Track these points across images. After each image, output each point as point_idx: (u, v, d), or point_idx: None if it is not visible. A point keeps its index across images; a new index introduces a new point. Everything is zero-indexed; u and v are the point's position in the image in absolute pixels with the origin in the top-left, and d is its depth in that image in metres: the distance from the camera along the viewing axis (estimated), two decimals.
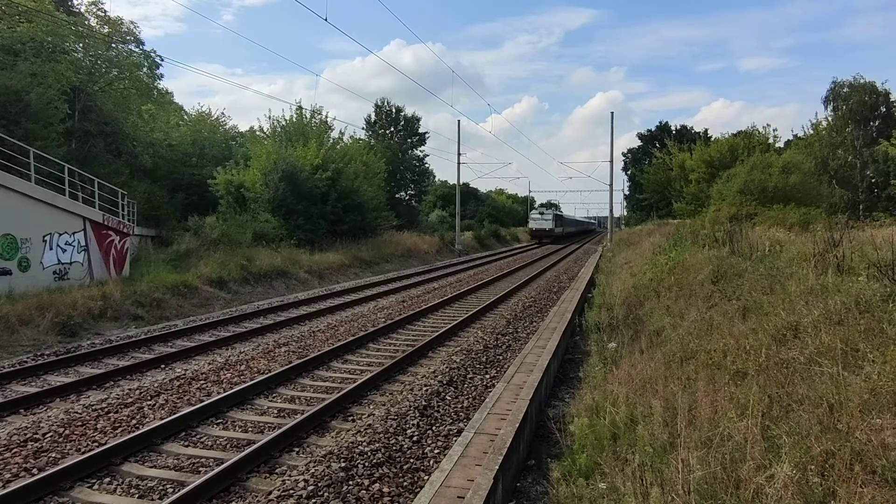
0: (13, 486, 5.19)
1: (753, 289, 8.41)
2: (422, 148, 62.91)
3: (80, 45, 28.19)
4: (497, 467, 4.87)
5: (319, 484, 5.23)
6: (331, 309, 15.26)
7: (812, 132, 48.84)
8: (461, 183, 46.45)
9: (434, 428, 6.78)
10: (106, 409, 7.39)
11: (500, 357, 10.18)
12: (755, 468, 3.89)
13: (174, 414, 7.17)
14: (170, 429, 6.69)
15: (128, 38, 29.93)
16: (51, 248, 15.51)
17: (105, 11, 29.63)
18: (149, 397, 7.93)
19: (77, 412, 7.27)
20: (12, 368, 9.15)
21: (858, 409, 4.17)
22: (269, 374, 8.81)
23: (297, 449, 6.34)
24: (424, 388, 8.18)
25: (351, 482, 5.33)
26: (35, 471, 5.66)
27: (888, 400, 4.16)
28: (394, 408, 7.35)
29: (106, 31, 29.20)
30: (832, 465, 3.73)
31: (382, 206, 37.21)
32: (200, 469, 5.81)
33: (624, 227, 71.98)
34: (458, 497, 4.39)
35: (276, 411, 7.58)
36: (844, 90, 47.33)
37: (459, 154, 44.13)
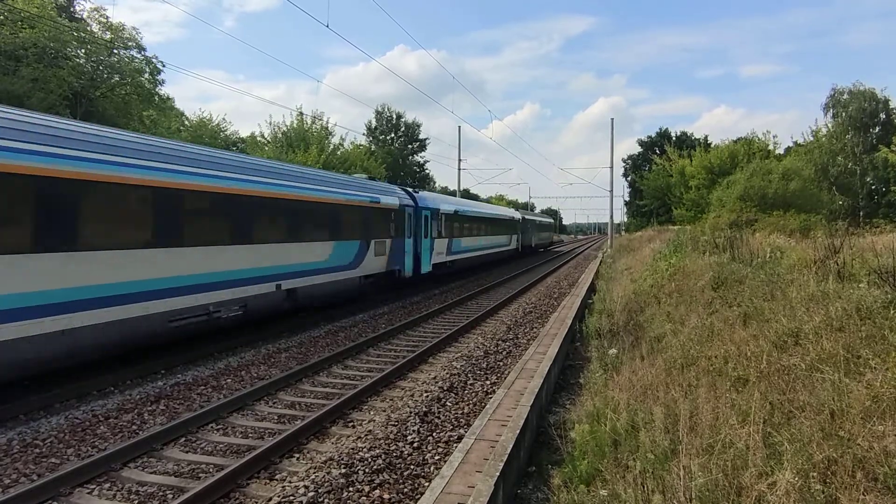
0: (13, 492, 5.18)
1: (754, 295, 8.40)
2: (422, 154, 63.01)
3: (82, 50, 28.32)
4: (498, 474, 4.85)
5: (320, 490, 5.22)
6: (331, 315, 15.24)
7: (812, 139, 48.94)
8: (462, 189, 46.53)
9: (435, 434, 6.77)
10: (106, 415, 7.38)
11: (501, 363, 10.16)
12: (757, 475, 3.88)
13: (174, 420, 7.17)
14: (170, 434, 6.68)
15: (129, 43, 30.06)
16: None
17: (107, 17, 29.78)
18: (149, 403, 7.92)
19: (77, 417, 7.26)
20: None
21: (860, 415, 4.16)
22: (270, 380, 8.80)
23: (297, 455, 6.33)
24: (425, 394, 8.17)
25: (351, 488, 5.31)
26: (35, 476, 5.65)
27: (890, 407, 4.15)
28: (394, 414, 7.34)
29: (108, 36, 29.31)
30: (834, 472, 3.72)
31: None
32: (200, 475, 5.80)
33: (624, 232, 71.98)
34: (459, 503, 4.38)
35: (276, 417, 7.56)
36: (844, 97, 47.50)
37: (460, 160, 44.22)
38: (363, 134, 59.63)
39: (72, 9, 30.69)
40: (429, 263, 21.11)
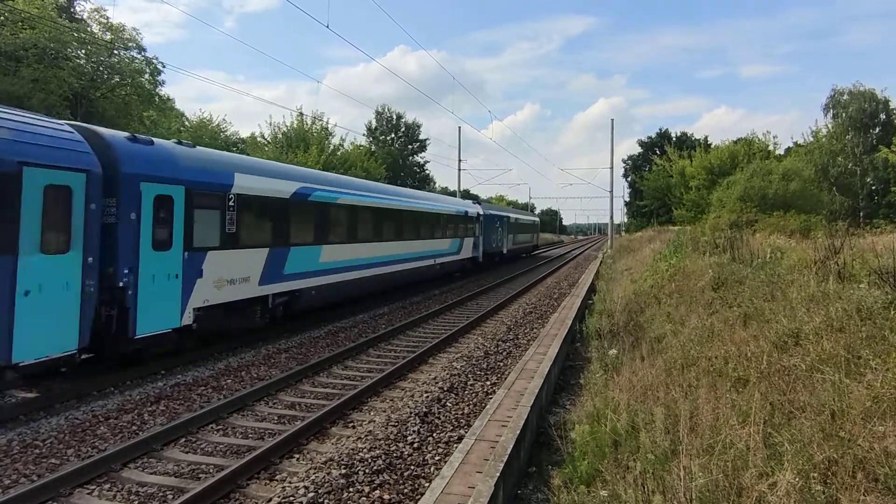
0: (13, 492, 5.17)
1: (754, 296, 8.40)
2: (422, 154, 62.91)
3: (83, 51, 28.32)
4: (498, 474, 4.85)
5: (320, 491, 5.22)
6: (331, 317, 15.24)
7: (812, 139, 48.95)
8: (462, 189, 46.53)
9: (435, 434, 6.77)
10: (106, 415, 7.37)
11: (501, 363, 10.16)
12: (757, 476, 3.88)
13: (174, 420, 7.17)
14: (170, 434, 6.68)
15: (130, 44, 30.04)
16: None
17: (107, 18, 29.78)
18: (149, 403, 7.92)
19: (77, 418, 7.26)
20: None
21: (861, 416, 4.16)
22: (270, 381, 8.80)
23: (297, 455, 6.33)
24: (425, 395, 8.17)
25: (351, 489, 5.31)
26: (35, 477, 5.65)
27: (890, 407, 4.15)
28: (394, 414, 7.33)
29: (108, 37, 29.32)
30: (835, 472, 3.72)
31: None
32: (201, 475, 5.79)
33: (624, 233, 71.97)
34: None
35: (276, 417, 7.56)
36: (844, 97, 47.49)
37: (460, 161, 44.23)
38: (363, 134, 59.64)
39: (72, 9, 30.70)
40: (164, 315, 9.36)
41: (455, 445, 6.22)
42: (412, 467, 5.88)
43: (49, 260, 7.48)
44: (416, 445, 6.39)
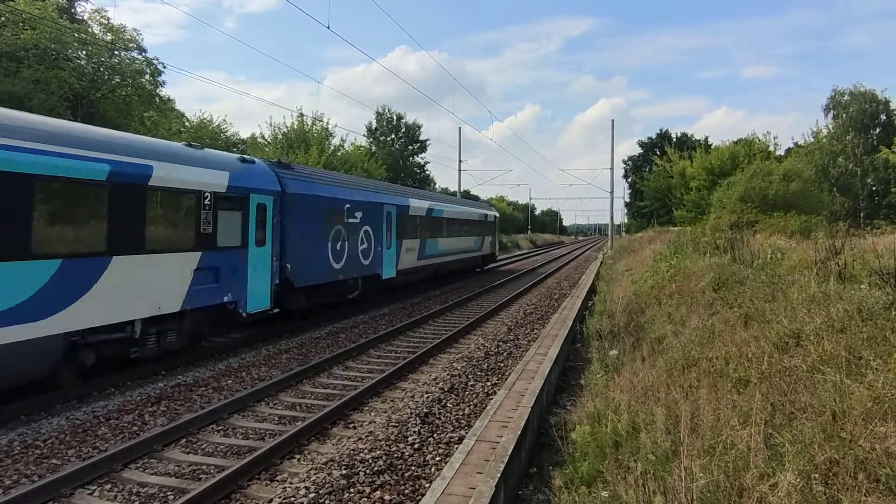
0: (14, 493, 5.18)
1: (755, 296, 8.40)
2: (423, 155, 62.86)
3: (83, 52, 28.33)
4: (499, 475, 4.85)
5: (321, 491, 5.22)
6: (331, 317, 15.24)
7: (812, 140, 48.95)
8: (462, 190, 46.55)
9: (435, 435, 6.76)
10: (107, 416, 7.38)
11: (502, 364, 10.15)
12: (758, 476, 3.87)
13: (175, 421, 7.17)
14: (171, 435, 6.68)
15: (130, 45, 30.05)
16: None
17: (108, 19, 29.81)
18: (150, 404, 7.92)
19: (78, 418, 7.26)
20: None
21: (862, 417, 4.15)
22: (271, 381, 8.80)
23: (298, 456, 6.33)
24: (426, 395, 8.17)
25: (352, 489, 5.31)
26: (36, 477, 5.65)
27: (892, 408, 4.15)
28: (395, 415, 7.33)
29: (109, 38, 29.33)
30: (836, 473, 3.71)
31: None
32: (201, 476, 5.80)
33: (624, 234, 71.90)
34: None
35: (276, 418, 7.56)
36: (845, 98, 47.51)
37: (460, 161, 44.24)
38: (363, 135, 59.64)
39: (73, 10, 30.72)
40: None
41: (456, 446, 6.22)
42: (413, 468, 5.87)
43: None
44: (416, 446, 6.38)
